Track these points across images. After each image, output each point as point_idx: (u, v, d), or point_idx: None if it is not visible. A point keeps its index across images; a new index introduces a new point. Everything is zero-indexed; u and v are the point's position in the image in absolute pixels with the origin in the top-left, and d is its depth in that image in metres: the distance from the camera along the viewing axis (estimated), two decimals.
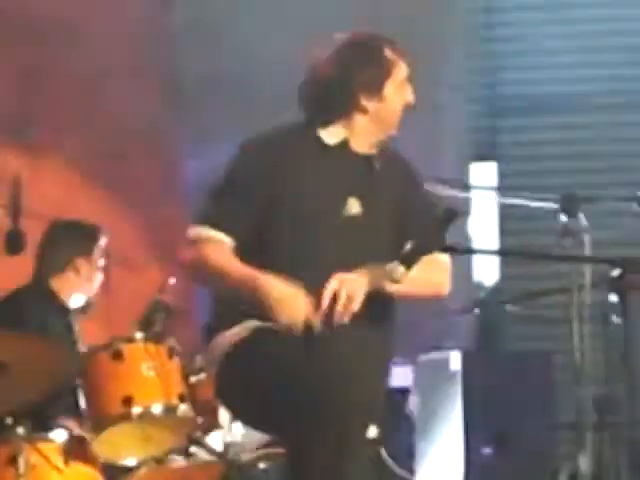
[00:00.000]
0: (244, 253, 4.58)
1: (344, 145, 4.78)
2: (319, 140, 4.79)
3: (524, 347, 8.05)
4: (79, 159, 8.28)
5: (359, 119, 4.77)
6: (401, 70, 4.76)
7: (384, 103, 4.75)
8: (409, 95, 4.76)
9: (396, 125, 4.79)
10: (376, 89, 4.74)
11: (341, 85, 4.78)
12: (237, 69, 8.71)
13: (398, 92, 4.76)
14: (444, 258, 4.76)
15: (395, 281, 4.41)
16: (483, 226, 8.14)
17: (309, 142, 4.81)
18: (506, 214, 8.10)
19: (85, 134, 8.30)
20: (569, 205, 5.26)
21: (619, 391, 5.98)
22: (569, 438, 6.57)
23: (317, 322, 4.46)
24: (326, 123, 4.80)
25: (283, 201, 4.71)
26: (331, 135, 4.78)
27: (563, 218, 5.37)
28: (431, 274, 4.76)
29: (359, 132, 4.81)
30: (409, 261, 4.34)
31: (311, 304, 4.46)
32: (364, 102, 4.72)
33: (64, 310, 6.41)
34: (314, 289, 4.50)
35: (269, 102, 7.80)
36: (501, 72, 9.27)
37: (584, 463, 6.06)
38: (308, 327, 4.45)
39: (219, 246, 4.61)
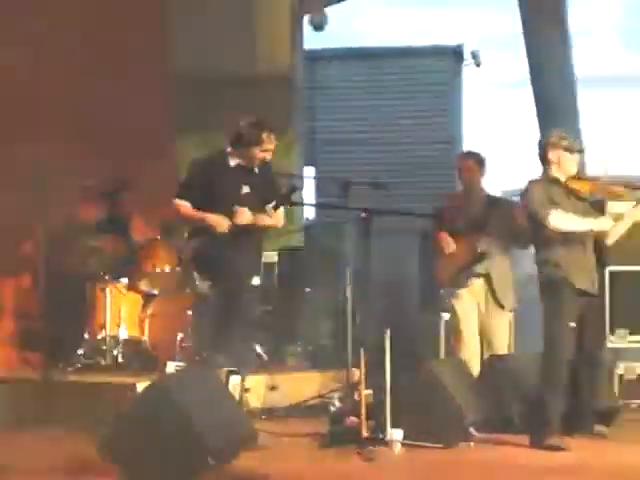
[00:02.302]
0: (198, 209, 6.75)
1: (239, 165, 6.85)
2: (228, 162, 6.86)
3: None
4: None
5: (246, 154, 6.80)
6: (268, 144, 6.82)
7: (253, 154, 6.80)
8: (266, 156, 6.85)
9: (265, 159, 6.87)
10: (247, 148, 6.80)
11: (236, 142, 6.80)
12: None
13: (263, 154, 6.83)
14: (281, 212, 6.91)
15: (269, 215, 6.75)
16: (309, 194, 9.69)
17: (224, 164, 6.86)
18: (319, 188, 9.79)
19: None
20: (345, 188, 6.48)
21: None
22: None
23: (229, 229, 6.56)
24: (230, 155, 6.85)
25: (212, 191, 6.75)
26: (233, 161, 6.87)
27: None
28: (275, 221, 6.91)
29: (247, 160, 6.83)
30: (275, 207, 6.61)
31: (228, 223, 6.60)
32: (244, 151, 6.81)
33: (124, 223, 8.10)
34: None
35: None
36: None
37: None
38: (228, 231, 6.59)
39: (187, 207, 6.81)
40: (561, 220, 6.04)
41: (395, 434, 5.82)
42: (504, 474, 5.54)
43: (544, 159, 6.27)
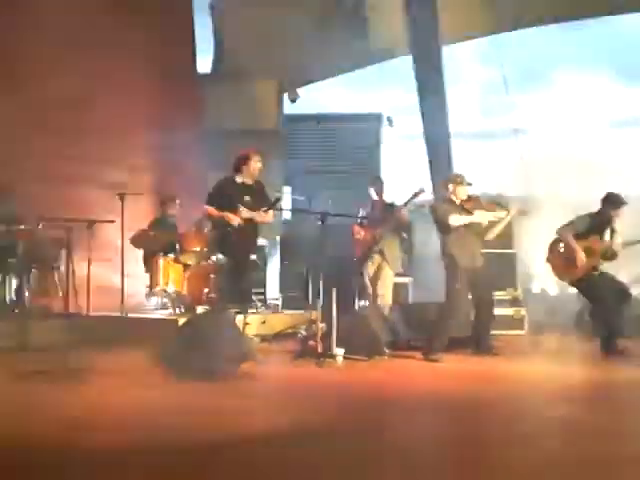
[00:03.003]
0: (220, 209, 6.43)
1: (242, 181, 6.52)
2: (236, 181, 6.54)
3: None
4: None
5: (244, 172, 6.50)
6: (256, 161, 6.52)
7: (249, 169, 6.51)
8: (258, 168, 6.52)
9: (256, 176, 6.52)
10: (245, 165, 6.50)
11: (237, 164, 6.53)
12: None
13: (254, 167, 6.50)
14: (270, 214, 6.58)
15: (266, 212, 6.46)
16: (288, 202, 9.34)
17: (234, 181, 6.55)
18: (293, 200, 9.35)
19: None
20: (309, 200, 6.81)
21: None
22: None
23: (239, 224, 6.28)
24: (235, 174, 6.51)
25: (226, 199, 6.46)
26: (238, 179, 6.53)
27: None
28: (268, 218, 6.62)
29: (246, 177, 6.51)
30: (267, 210, 6.38)
31: (240, 219, 6.35)
32: (243, 168, 6.47)
33: (171, 221, 7.95)
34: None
35: None
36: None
37: None
38: (239, 225, 6.35)
39: (212, 209, 6.49)
40: (455, 220, 6.14)
41: (338, 351, 5.84)
42: (403, 374, 5.60)
43: (446, 189, 6.37)
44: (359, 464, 3.09)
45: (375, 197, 7.41)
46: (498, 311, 7.33)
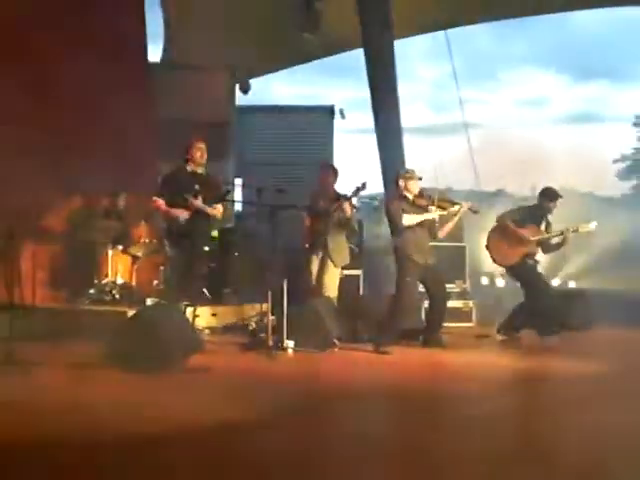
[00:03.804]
0: (171, 199, 6.31)
1: (193, 170, 6.38)
2: (186, 169, 6.40)
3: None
4: None
5: (191, 161, 6.35)
6: (198, 148, 6.36)
7: (194, 157, 6.35)
8: (201, 155, 6.34)
9: (203, 163, 6.32)
10: (189, 154, 6.36)
11: (183, 153, 6.43)
12: None
13: (196, 154, 6.33)
14: (220, 207, 6.39)
15: (213, 208, 6.35)
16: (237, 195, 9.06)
17: (184, 170, 6.42)
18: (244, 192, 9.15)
19: None
20: (259, 192, 6.07)
21: None
22: None
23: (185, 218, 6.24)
24: (185, 164, 6.38)
25: (177, 187, 6.33)
26: (188, 167, 6.38)
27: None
28: (217, 212, 6.46)
29: (194, 165, 6.37)
30: (216, 202, 6.28)
31: (186, 214, 6.20)
32: (189, 157, 6.34)
33: (120, 212, 7.72)
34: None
35: None
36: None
37: None
38: (183, 221, 6.24)
39: (162, 202, 6.34)
40: (407, 220, 6.16)
41: (289, 344, 5.86)
42: (353, 365, 5.64)
43: (397, 184, 6.38)
44: (303, 455, 3.10)
45: (326, 185, 7.21)
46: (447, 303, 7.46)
